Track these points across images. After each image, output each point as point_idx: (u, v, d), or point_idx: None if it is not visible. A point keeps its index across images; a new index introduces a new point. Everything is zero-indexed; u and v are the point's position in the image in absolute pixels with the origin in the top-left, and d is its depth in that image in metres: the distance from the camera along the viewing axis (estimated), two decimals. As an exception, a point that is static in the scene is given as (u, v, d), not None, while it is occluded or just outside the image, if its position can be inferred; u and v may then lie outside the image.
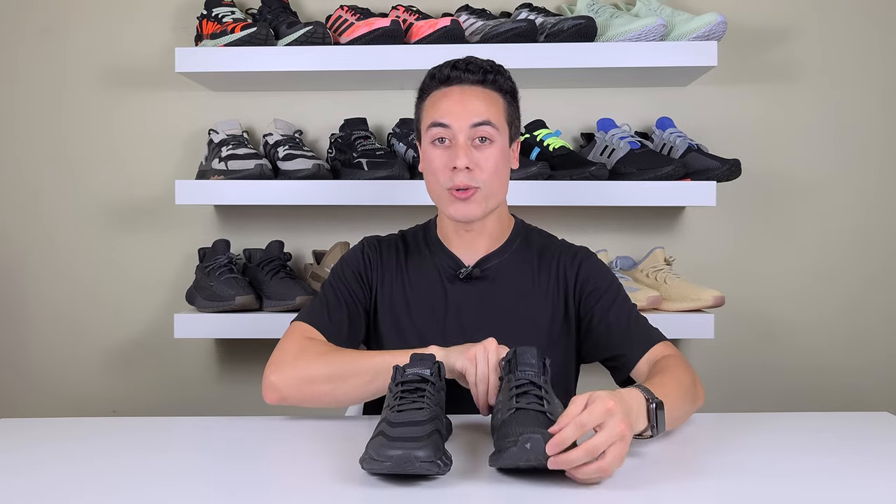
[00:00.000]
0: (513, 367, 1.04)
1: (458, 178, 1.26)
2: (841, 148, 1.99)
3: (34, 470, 1.01)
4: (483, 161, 1.26)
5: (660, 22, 1.76)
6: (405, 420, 0.95)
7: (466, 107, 1.27)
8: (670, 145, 1.86)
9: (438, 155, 1.28)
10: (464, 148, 1.25)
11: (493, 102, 1.29)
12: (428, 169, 1.31)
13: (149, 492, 0.93)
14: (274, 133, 1.89)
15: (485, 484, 0.94)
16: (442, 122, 1.27)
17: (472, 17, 1.87)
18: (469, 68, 1.29)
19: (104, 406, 2.03)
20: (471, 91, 1.29)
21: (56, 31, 2.03)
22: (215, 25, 1.85)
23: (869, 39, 1.98)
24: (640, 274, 1.87)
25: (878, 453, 1.07)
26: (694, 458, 1.08)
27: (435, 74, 1.31)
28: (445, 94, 1.29)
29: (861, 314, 2.00)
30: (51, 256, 2.04)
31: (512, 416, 0.97)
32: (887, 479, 0.97)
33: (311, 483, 0.96)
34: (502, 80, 1.31)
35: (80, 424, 1.26)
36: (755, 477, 0.97)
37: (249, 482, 0.98)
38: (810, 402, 1.99)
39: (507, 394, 1.01)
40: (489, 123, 1.27)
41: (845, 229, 2.00)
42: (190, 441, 1.21)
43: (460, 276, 1.34)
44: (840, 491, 0.93)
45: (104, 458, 1.06)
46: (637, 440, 1.03)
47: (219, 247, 1.88)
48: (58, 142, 2.04)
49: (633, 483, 0.95)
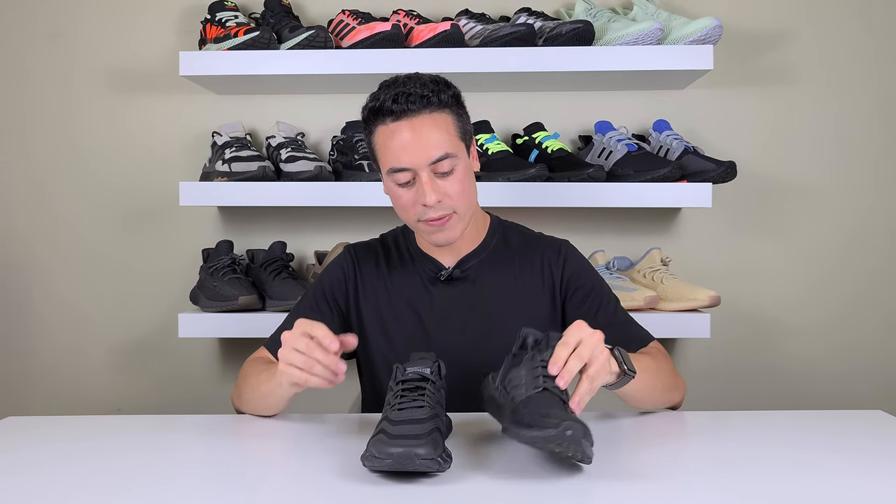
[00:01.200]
0: (542, 348, 1.03)
1: (429, 213, 1.24)
2: (836, 150, 1.99)
3: (41, 467, 1.02)
4: (449, 188, 1.24)
5: (656, 26, 1.76)
6: (406, 418, 0.95)
7: (420, 144, 1.21)
8: (667, 148, 1.86)
9: (404, 192, 1.25)
10: (428, 184, 1.22)
11: (444, 127, 1.23)
12: (397, 205, 1.28)
13: (153, 488, 0.93)
14: (276, 135, 1.90)
15: (485, 481, 0.94)
16: (402, 168, 1.22)
17: (471, 21, 1.87)
18: (410, 98, 1.21)
19: (109, 404, 2.03)
20: (419, 122, 1.22)
21: (64, 36, 2.03)
22: (219, 30, 1.85)
23: (863, 43, 1.98)
24: (637, 274, 1.87)
25: (873, 451, 1.07)
26: (689, 455, 1.08)
27: (375, 108, 1.24)
28: (394, 131, 1.22)
29: (856, 315, 2.00)
30: (58, 256, 2.04)
31: (540, 395, 0.96)
32: (882, 476, 0.97)
33: (313, 480, 0.96)
34: (444, 95, 1.24)
35: (85, 422, 1.26)
36: (750, 473, 0.97)
37: (252, 479, 0.98)
38: (805, 401, 1.99)
39: (532, 371, 1.00)
40: (447, 156, 1.22)
41: (840, 231, 2.00)
42: (193, 438, 1.21)
43: (441, 279, 1.34)
44: (835, 487, 0.93)
45: (109, 456, 1.06)
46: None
47: (222, 247, 1.88)
48: (65, 143, 2.04)
49: (630, 477, 0.95)
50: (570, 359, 0.99)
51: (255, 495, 0.92)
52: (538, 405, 0.94)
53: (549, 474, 0.94)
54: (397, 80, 1.26)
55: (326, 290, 1.37)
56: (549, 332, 1.05)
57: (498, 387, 1.04)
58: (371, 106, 1.25)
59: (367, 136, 1.29)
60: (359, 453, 0.95)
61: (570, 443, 0.90)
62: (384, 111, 1.23)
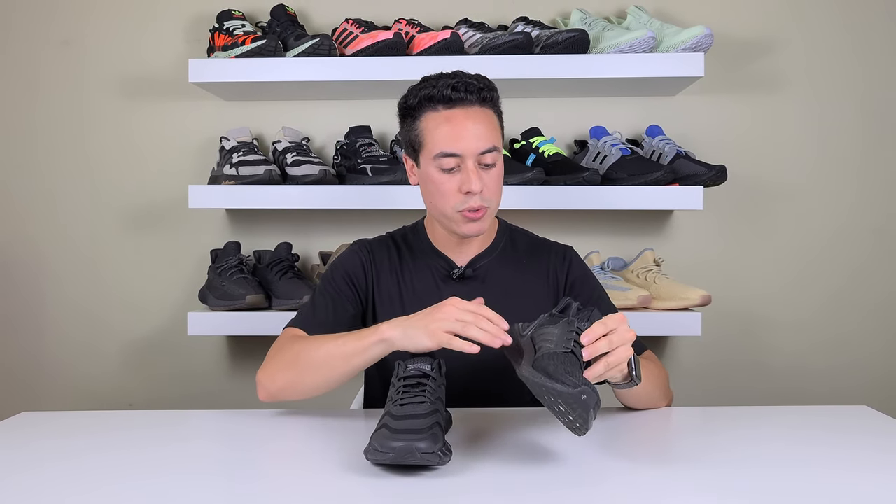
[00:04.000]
0: (582, 318, 1.03)
1: (472, 201, 1.25)
2: (821, 154, 2.00)
3: (55, 460, 1.02)
4: (490, 182, 1.26)
5: (649, 35, 1.77)
6: (407, 413, 0.95)
7: (472, 132, 1.23)
8: (659, 152, 1.86)
9: (447, 179, 1.25)
10: (475, 173, 1.24)
11: (492, 124, 1.27)
12: (436, 192, 1.28)
13: (163, 481, 0.93)
14: (282, 140, 1.90)
15: (484, 474, 0.94)
16: (452, 153, 1.23)
17: (471, 29, 1.87)
18: (469, 89, 1.24)
19: (121, 399, 2.04)
20: (473, 114, 1.25)
21: (75, 44, 2.04)
22: (227, 38, 1.85)
23: (848, 52, 1.99)
24: (631, 274, 1.87)
25: (858, 445, 1.08)
26: (680, 449, 1.09)
27: (433, 96, 1.25)
28: (448, 117, 1.24)
29: (841, 312, 2.01)
30: (71, 257, 2.05)
31: (566, 354, 0.96)
32: (867, 470, 0.97)
33: (318, 473, 0.97)
34: (493, 94, 1.29)
35: (98, 417, 1.26)
36: (738, 468, 0.97)
37: (260, 472, 0.99)
38: (792, 396, 1.99)
39: (567, 334, 0.99)
40: (493, 149, 1.25)
41: (824, 231, 2.00)
42: (202, 433, 1.21)
43: (453, 277, 1.34)
44: (821, 481, 0.93)
45: (121, 450, 1.06)
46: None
47: (230, 248, 1.88)
48: (77, 148, 2.04)
49: (623, 471, 0.95)
50: (601, 339, 0.99)
51: (263, 486, 0.92)
52: (563, 362, 0.95)
53: (547, 468, 0.95)
54: (443, 74, 1.28)
55: (351, 275, 1.35)
56: (594, 307, 1.06)
57: (525, 335, 1.04)
58: (425, 94, 1.26)
59: (409, 124, 1.29)
60: (362, 447, 0.95)
61: (579, 406, 0.90)
62: (440, 98, 1.24)
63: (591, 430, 0.93)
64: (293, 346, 1.22)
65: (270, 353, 1.26)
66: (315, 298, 1.34)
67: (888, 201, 1.99)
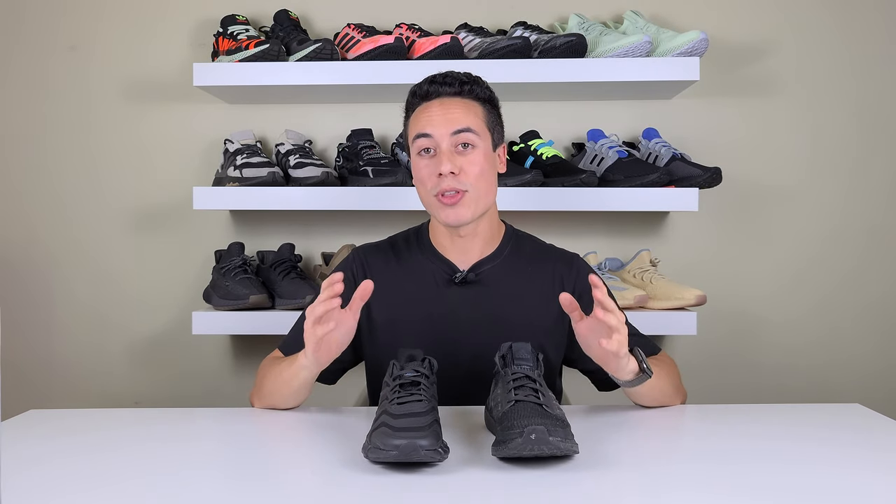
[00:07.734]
0: (508, 362, 1.03)
1: (444, 183, 1.24)
2: (815, 157, 2.00)
3: (63, 456, 1.02)
4: (467, 165, 1.25)
5: (646, 39, 1.77)
6: (407, 412, 0.95)
7: (446, 115, 1.26)
8: (656, 154, 1.86)
9: (425, 164, 1.27)
10: (447, 154, 1.24)
11: (472, 110, 1.28)
12: (417, 178, 1.30)
13: (169, 477, 0.93)
14: (285, 143, 1.90)
15: (483, 470, 0.94)
16: (424, 133, 1.26)
17: (470, 34, 1.87)
18: (446, 81, 1.28)
19: (127, 397, 2.04)
20: (449, 102, 1.28)
21: (82, 49, 2.04)
22: (231, 42, 1.85)
23: (841, 56, 1.99)
24: (628, 274, 1.87)
25: (850, 442, 1.07)
26: (675, 447, 1.09)
27: (416, 91, 1.31)
28: (426, 107, 1.28)
29: (833, 312, 2.00)
30: (78, 258, 2.04)
31: (512, 408, 0.96)
32: (859, 466, 0.97)
33: (322, 469, 0.97)
34: (479, 89, 1.30)
35: (105, 415, 1.26)
36: (732, 465, 0.97)
37: (264, 468, 0.98)
38: (785, 394, 1.99)
39: (505, 387, 1.00)
40: (469, 130, 1.25)
41: (819, 232, 2.00)
42: (207, 430, 1.21)
43: (455, 281, 1.32)
44: (814, 478, 0.93)
45: (127, 447, 1.06)
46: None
47: (234, 249, 1.88)
48: (85, 151, 2.04)
49: (619, 468, 0.95)
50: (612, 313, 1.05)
51: (266, 483, 0.92)
52: (510, 418, 0.94)
53: (545, 463, 0.95)
54: (435, 74, 1.31)
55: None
56: (512, 343, 1.06)
57: (486, 415, 1.06)
58: (412, 90, 1.32)
59: (405, 124, 1.33)
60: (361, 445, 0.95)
61: (536, 444, 0.90)
62: (421, 93, 1.29)
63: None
64: (263, 372, 1.30)
65: (257, 374, 1.33)
66: (300, 319, 1.34)
67: (880, 203, 1.99)
